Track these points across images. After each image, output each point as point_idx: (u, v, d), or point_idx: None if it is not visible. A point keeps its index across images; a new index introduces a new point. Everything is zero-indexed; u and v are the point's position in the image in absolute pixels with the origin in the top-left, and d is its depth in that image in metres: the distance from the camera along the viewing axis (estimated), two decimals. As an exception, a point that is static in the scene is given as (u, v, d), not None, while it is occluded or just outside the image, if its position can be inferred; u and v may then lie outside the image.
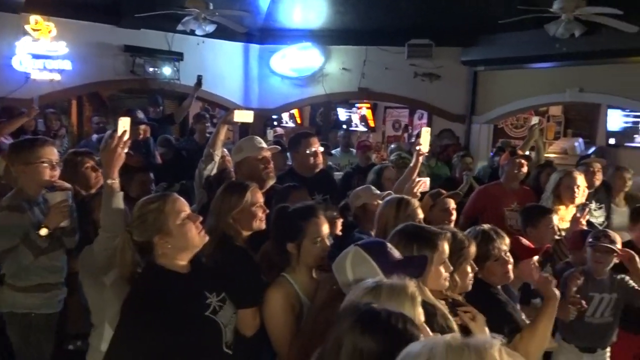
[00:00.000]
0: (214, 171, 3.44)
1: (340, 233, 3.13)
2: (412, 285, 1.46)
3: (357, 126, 10.92)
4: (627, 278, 3.12)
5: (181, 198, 1.99)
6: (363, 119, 10.88)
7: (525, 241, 2.79)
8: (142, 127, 5.10)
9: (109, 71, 6.33)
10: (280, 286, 2.16)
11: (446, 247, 1.99)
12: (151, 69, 6.45)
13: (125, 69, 6.37)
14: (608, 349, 3.21)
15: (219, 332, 1.95)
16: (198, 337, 1.86)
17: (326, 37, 7.20)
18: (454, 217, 3.35)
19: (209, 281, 2.03)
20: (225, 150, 4.74)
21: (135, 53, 6.38)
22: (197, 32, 5.96)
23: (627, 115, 7.70)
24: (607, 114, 8.07)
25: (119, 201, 2.16)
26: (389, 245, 1.78)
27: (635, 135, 7.78)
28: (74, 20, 5.97)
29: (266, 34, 7.32)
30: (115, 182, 2.17)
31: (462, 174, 5.31)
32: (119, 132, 2.22)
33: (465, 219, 4.06)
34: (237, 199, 2.33)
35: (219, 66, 7.11)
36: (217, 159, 3.44)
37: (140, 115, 5.04)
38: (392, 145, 7.12)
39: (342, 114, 11.18)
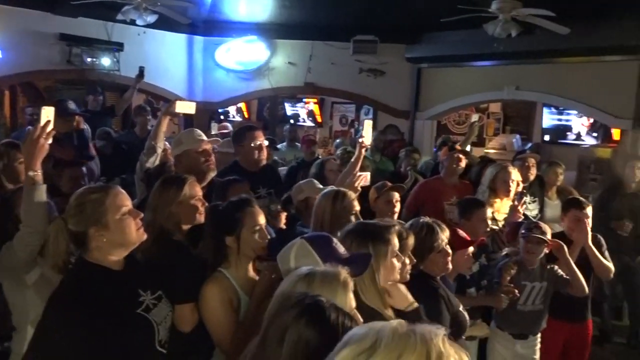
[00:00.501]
0: (155, 164, 3.36)
1: (284, 226, 3.14)
2: (344, 272, 1.49)
3: (304, 121, 10.96)
4: (556, 267, 3.28)
5: (124, 192, 1.93)
6: (310, 114, 10.92)
7: (461, 233, 2.88)
8: (76, 118, 4.91)
9: (43, 61, 6.03)
10: (217, 281, 2.14)
11: (396, 240, 2.03)
12: (89, 60, 6.19)
13: (61, 59, 6.09)
14: (539, 335, 3.37)
15: (151, 330, 1.90)
16: (128, 335, 1.81)
17: (272, 31, 7.15)
18: (397, 209, 3.42)
19: (143, 279, 1.98)
20: (167, 143, 4.64)
21: (71, 42, 6.10)
22: (138, 22, 5.76)
23: (557, 114, 8.13)
24: (542, 112, 8.48)
25: (41, 194, 2.07)
26: (334, 240, 1.80)
27: (567, 133, 8.20)
28: (5, 6, 5.64)
29: (211, 26, 7.18)
30: (37, 174, 2.09)
31: (406, 169, 5.43)
32: (42, 122, 2.13)
33: (407, 212, 4.15)
34: (174, 192, 2.29)
35: (162, 58, 6.92)
36: (159, 151, 3.36)
37: (72, 105, 4.82)
38: (337, 140, 7.20)
39: (289, 108, 11.21)
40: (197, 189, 2.41)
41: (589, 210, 3.58)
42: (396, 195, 3.44)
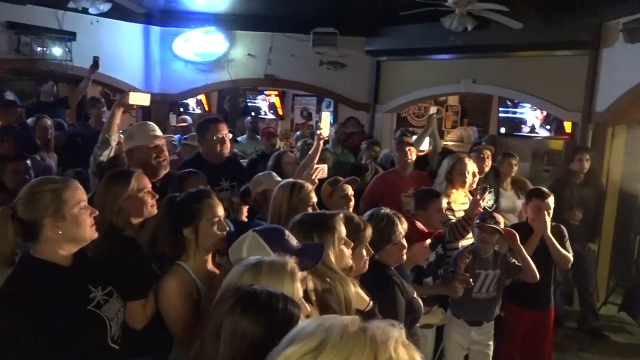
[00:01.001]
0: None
1: (246, 219, 3.12)
2: (291, 262, 1.49)
3: (265, 114, 10.90)
4: (509, 255, 3.38)
5: (81, 188, 1.89)
6: (272, 106, 10.87)
7: (419, 225, 2.93)
8: (18, 110, 4.72)
9: (-11, 50, 5.79)
10: (176, 274, 2.10)
11: (342, 226, 2.04)
12: (39, 49, 5.96)
13: (8, 48, 5.84)
14: (492, 322, 3.47)
15: (103, 326, 1.86)
16: (80, 332, 1.77)
17: (231, 22, 7.05)
18: (352, 202, 3.44)
19: (93, 274, 1.93)
20: (122, 135, 4.53)
21: (20, 30, 5.84)
22: (91, 10, 5.59)
23: (508, 111, 8.37)
24: (498, 106, 8.70)
25: None
26: (287, 232, 1.80)
27: (522, 126, 8.44)
28: (-53, -7, 5.39)
29: (168, 16, 7.02)
30: None
31: (367, 161, 5.47)
32: None
33: (364, 205, 4.19)
34: (121, 186, 2.24)
35: (117, 48, 6.73)
36: (113, 144, 3.28)
37: (11, 97, 4.64)
38: (298, 133, 7.19)
39: (251, 102, 11.13)
40: (145, 182, 2.36)
41: (551, 201, 3.70)
42: (350, 189, 3.45)
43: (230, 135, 3.68)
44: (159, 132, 3.20)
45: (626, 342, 5.13)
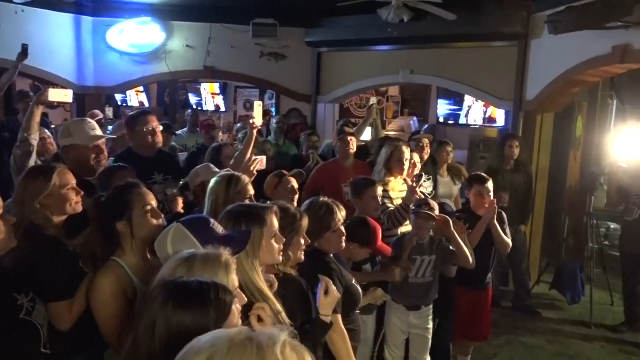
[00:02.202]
0: (34, 157, 3.14)
1: (182, 211, 3.07)
2: (226, 254, 1.48)
3: (201, 107, 10.74)
4: (444, 241, 3.50)
5: None
6: (213, 99, 10.73)
7: (382, 246, 2.99)
8: None
9: None
10: (110, 271, 2.04)
11: (275, 220, 2.03)
12: (-42, 39, 5.61)
13: None
14: (431, 306, 3.59)
15: (37, 334, 1.80)
16: (14, 343, 1.70)
17: (167, 12, 6.87)
18: (297, 195, 3.45)
19: (15, 282, 1.85)
20: (46, 131, 4.34)
21: (-63, 21, 5.50)
22: (15, -1, 5.31)
23: (450, 103, 8.65)
24: (437, 96, 8.96)
25: None
26: (212, 221, 1.78)
27: (459, 114, 8.74)
28: None
29: (100, 6, 6.76)
30: None
31: (308, 152, 5.49)
32: None
33: (306, 195, 4.19)
34: (42, 183, 2.16)
35: (46, 39, 6.41)
36: (34, 143, 3.14)
37: None
38: (239, 125, 7.11)
39: (193, 97, 10.95)
40: (69, 177, 2.28)
41: (490, 185, 3.85)
42: (294, 182, 3.47)
43: (161, 128, 3.60)
44: (99, 132, 3.10)
45: (557, 318, 5.44)
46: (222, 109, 10.68)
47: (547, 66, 5.39)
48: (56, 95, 3.12)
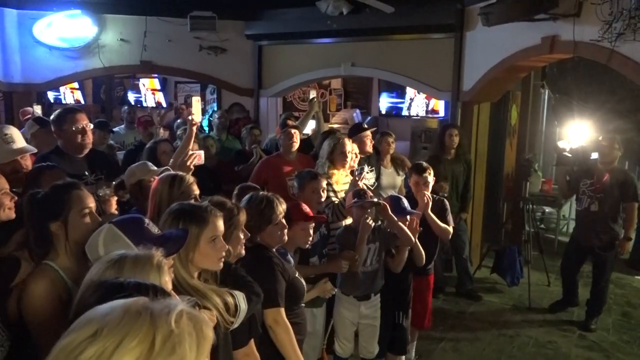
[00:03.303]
0: None
1: (115, 212, 2.96)
2: (158, 254, 1.42)
3: (141, 104, 10.42)
4: (382, 226, 3.54)
5: None
6: (152, 94, 10.42)
7: (304, 207, 2.96)
8: None
9: None
10: (43, 275, 1.94)
11: (219, 223, 1.97)
12: None
13: None
14: (379, 295, 3.63)
15: None
16: None
17: (98, 5, 6.56)
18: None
19: None
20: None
21: None
22: None
23: (392, 96, 8.80)
24: (379, 88, 9.07)
25: None
26: (146, 220, 1.71)
27: (402, 106, 8.89)
28: None
29: (24, -3, 6.40)
30: None
31: (251, 147, 5.43)
32: None
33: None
34: None
35: (-35, 33, 6.02)
36: None
37: None
38: (178, 121, 6.94)
39: (132, 95, 10.60)
40: (2, 182, 2.17)
41: (430, 175, 3.93)
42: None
43: (91, 126, 3.44)
44: (18, 144, 2.90)
45: (498, 301, 5.65)
46: (164, 105, 10.39)
47: (481, 57, 5.55)
48: None
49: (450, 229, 4.02)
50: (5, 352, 1.80)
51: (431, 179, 3.98)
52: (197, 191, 2.57)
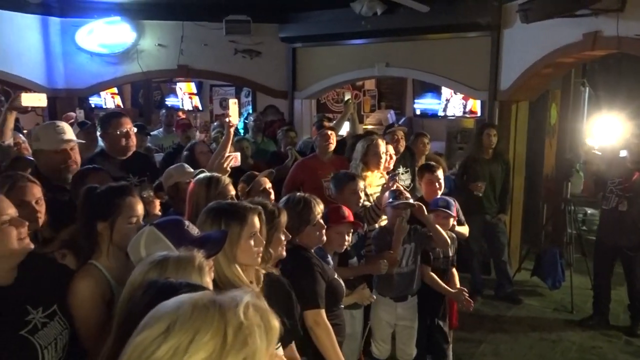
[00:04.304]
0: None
1: (158, 213, 3.02)
2: (199, 256, 1.44)
3: (183, 106, 10.63)
4: (419, 227, 3.51)
5: (5, 199, 1.75)
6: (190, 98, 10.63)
7: (345, 211, 2.96)
8: None
9: None
10: (88, 274, 1.99)
11: (256, 220, 1.99)
12: None
13: None
14: (416, 297, 3.59)
15: (34, 354, 1.71)
16: (6, 358, 1.63)
17: (137, 11, 6.73)
18: (272, 195, 3.37)
19: (35, 294, 1.78)
20: (20, 135, 4.24)
21: None
22: (-23, 1, 5.14)
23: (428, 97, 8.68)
24: (413, 88, 8.99)
25: None
26: (186, 222, 1.73)
27: (436, 108, 8.79)
28: None
29: (67, 6, 6.59)
30: None
31: (286, 148, 5.46)
32: None
33: (286, 191, 4.17)
34: None
35: (12, 41, 6.23)
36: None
37: None
38: (215, 123, 7.03)
39: (171, 98, 10.83)
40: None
41: (440, 173, 3.88)
42: (267, 182, 3.39)
43: (135, 129, 3.52)
44: (68, 136, 3.01)
45: (538, 304, 5.50)
46: (201, 108, 10.57)
47: (519, 55, 5.43)
48: (29, 99, 3.05)
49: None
50: (65, 340, 1.85)
51: (442, 175, 3.91)
52: (233, 192, 2.60)
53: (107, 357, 1.32)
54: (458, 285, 3.67)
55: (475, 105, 8.13)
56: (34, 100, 3.10)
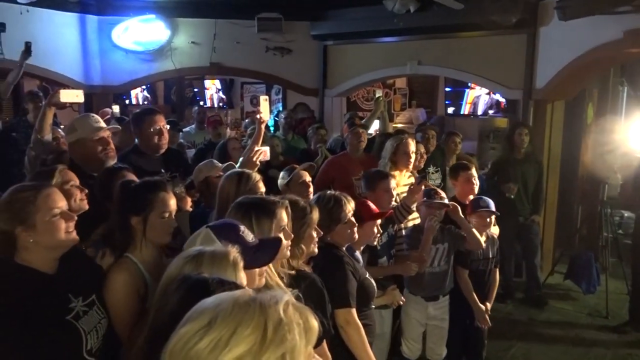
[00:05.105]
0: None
1: (190, 209, 3.06)
2: (234, 251, 1.45)
3: (213, 103, 10.74)
4: (453, 227, 3.46)
5: (57, 192, 1.83)
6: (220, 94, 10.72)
7: (371, 205, 2.94)
8: None
9: None
10: (124, 267, 2.04)
11: (284, 214, 2.00)
12: (-35, 42, 5.61)
13: None
14: (447, 297, 3.55)
15: (79, 339, 1.79)
16: (54, 343, 1.70)
17: (171, 9, 6.84)
18: (311, 189, 3.40)
19: (76, 283, 1.87)
20: (59, 130, 4.35)
21: (-57, 23, 5.50)
22: (20, -1, 5.29)
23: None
24: (444, 86, 8.87)
25: None
26: (241, 227, 1.74)
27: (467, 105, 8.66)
28: None
29: (104, 4, 6.74)
30: None
31: (316, 146, 5.46)
32: None
33: (316, 189, 4.16)
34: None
35: (52, 39, 6.40)
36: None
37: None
38: (247, 120, 7.09)
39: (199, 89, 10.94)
40: (70, 175, 2.30)
41: (474, 171, 3.85)
42: (307, 176, 3.41)
43: (168, 127, 3.57)
44: (102, 124, 3.08)
45: (572, 309, 5.37)
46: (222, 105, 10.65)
47: (556, 53, 5.30)
48: (67, 96, 3.11)
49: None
50: (104, 329, 1.92)
51: (476, 174, 3.86)
52: (263, 188, 2.61)
53: (141, 349, 1.34)
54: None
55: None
56: (72, 96, 3.18)
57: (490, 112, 8.37)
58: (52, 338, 1.71)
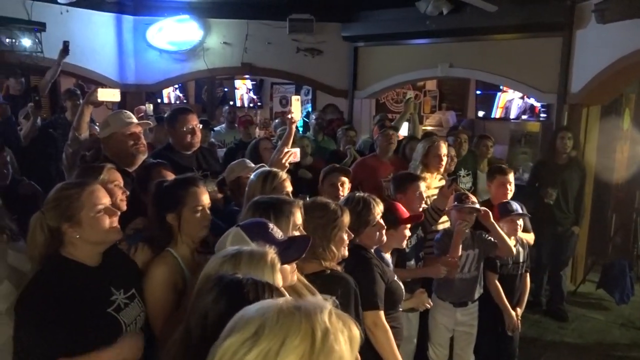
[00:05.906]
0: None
1: (221, 208, 3.10)
2: (271, 252, 1.46)
3: (244, 103, 10.83)
4: (484, 233, 3.41)
5: (101, 189, 1.92)
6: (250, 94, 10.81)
7: (402, 208, 2.93)
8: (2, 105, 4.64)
9: (-46, 42, 5.61)
10: (165, 261, 2.10)
11: (299, 214, 2.03)
12: (8, 40, 5.77)
13: (-25, 40, 5.68)
14: (477, 303, 3.50)
15: (119, 330, 1.85)
16: (96, 334, 1.77)
17: (205, 10, 6.94)
18: (341, 192, 3.38)
19: (117, 277, 1.94)
20: (96, 127, 4.47)
21: (-14, 22, 5.69)
22: (60, 0, 5.44)
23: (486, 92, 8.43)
24: (476, 90, 8.76)
25: None
26: (271, 226, 1.76)
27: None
28: None
29: (140, 4, 6.88)
30: None
31: (345, 147, 5.46)
32: None
33: (345, 191, 4.18)
34: (93, 179, 2.22)
35: (89, 38, 6.57)
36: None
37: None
38: (276, 121, 7.13)
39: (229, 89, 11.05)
40: (116, 175, 2.38)
41: (511, 176, 3.75)
42: (342, 178, 3.40)
43: (201, 126, 3.62)
44: (134, 119, 3.15)
45: (604, 319, 5.24)
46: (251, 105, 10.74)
47: (593, 57, 5.18)
48: (105, 94, 3.20)
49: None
50: (142, 322, 1.98)
51: (512, 179, 3.76)
52: (289, 188, 2.62)
53: (175, 345, 1.37)
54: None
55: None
56: (109, 95, 3.26)
57: (524, 116, 8.22)
58: (94, 329, 1.78)
